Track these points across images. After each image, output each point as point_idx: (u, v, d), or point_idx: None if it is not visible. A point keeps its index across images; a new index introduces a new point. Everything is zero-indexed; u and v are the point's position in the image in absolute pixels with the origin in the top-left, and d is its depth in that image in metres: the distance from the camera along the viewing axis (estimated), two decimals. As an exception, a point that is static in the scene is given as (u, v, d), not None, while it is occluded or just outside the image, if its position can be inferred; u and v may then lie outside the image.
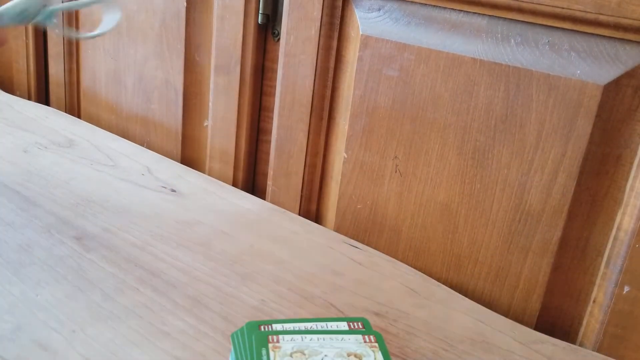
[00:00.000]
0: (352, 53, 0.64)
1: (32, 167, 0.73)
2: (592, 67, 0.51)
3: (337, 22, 0.64)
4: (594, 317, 0.56)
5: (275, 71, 0.72)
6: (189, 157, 0.83)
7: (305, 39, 0.66)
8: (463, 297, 0.59)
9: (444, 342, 0.51)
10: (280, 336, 0.43)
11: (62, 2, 0.45)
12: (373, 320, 0.52)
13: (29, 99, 0.98)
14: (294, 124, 0.69)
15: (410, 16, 0.60)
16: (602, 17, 0.50)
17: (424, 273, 0.62)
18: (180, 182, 0.75)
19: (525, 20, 0.54)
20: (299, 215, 0.72)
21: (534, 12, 0.53)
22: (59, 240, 0.59)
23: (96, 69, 0.89)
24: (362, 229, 0.67)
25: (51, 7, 0.46)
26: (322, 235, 0.66)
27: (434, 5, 0.58)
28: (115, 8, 0.48)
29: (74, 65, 0.92)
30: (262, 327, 0.44)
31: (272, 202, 0.74)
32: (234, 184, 0.78)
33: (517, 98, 0.55)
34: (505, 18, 0.55)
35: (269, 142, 0.75)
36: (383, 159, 0.64)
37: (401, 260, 0.64)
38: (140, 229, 0.62)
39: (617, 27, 0.50)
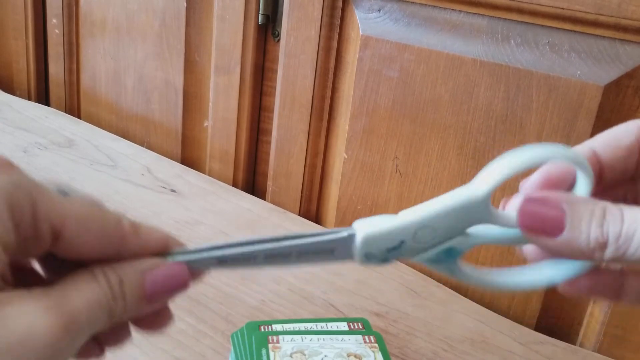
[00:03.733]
0: (352, 53, 0.64)
1: (32, 167, 0.73)
2: (592, 67, 0.51)
3: (337, 22, 0.64)
4: (594, 317, 0.56)
5: (275, 71, 0.72)
6: (189, 157, 0.83)
7: (305, 39, 0.66)
8: (463, 297, 0.59)
9: (444, 342, 0.51)
10: (280, 336, 0.43)
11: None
12: (373, 321, 0.52)
13: (29, 99, 0.98)
14: (294, 124, 0.69)
15: (410, 17, 0.59)
16: (602, 18, 0.50)
17: (424, 273, 0.62)
18: (180, 182, 0.75)
19: (525, 20, 0.54)
20: (299, 215, 0.72)
21: (534, 13, 0.53)
22: (58, 240, 0.58)
23: (96, 69, 0.89)
24: (362, 230, 0.67)
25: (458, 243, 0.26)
26: (322, 236, 0.66)
27: (434, 6, 0.58)
28: None
29: (74, 65, 0.92)
30: (262, 327, 0.44)
31: (272, 202, 0.74)
32: (234, 184, 0.78)
33: (517, 98, 0.55)
34: (505, 19, 0.55)
35: (269, 142, 0.75)
36: (383, 159, 0.64)
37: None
38: (140, 229, 0.62)
39: (617, 27, 0.50)
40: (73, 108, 0.95)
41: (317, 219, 0.73)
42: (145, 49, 0.82)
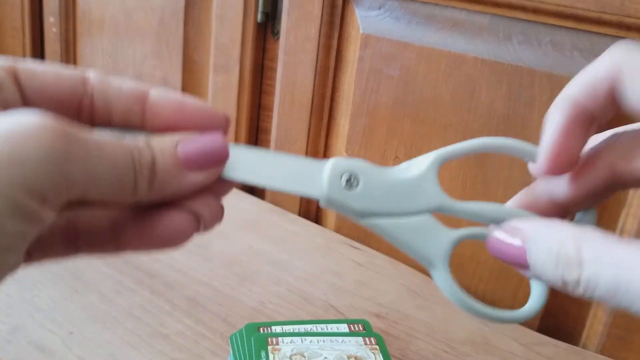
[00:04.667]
0: (353, 52, 0.64)
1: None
2: (595, 66, 0.51)
3: (338, 20, 0.64)
4: (598, 319, 0.56)
5: (274, 70, 0.71)
6: (188, 156, 0.83)
7: (305, 37, 0.65)
8: (464, 298, 0.58)
9: (445, 343, 0.51)
10: (280, 338, 0.43)
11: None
12: (373, 322, 0.51)
13: (27, 98, 0.97)
14: (294, 123, 0.69)
15: (411, 15, 0.59)
16: (605, 16, 0.49)
17: (425, 274, 0.61)
18: (179, 182, 0.74)
19: (528, 18, 0.53)
20: (299, 215, 0.71)
21: (536, 11, 0.52)
22: (56, 240, 0.58)
23: (94, 67, 0.89)
24: (363, 230, 0.67)
25: None
26: (322, 236, 0.66)
27: (435, 4, 0.57)
28: None
29: (72, 64, 0.92)
30: (261, 329, 0.44)
31: (272, 202, 0.73)
32: (233, 184, 0.78)
33: (519, 97, 0.54)
34: (507, 17, 0.54)
35: (268, 141, 0.74)
36: (384, 159, 0.63)
37: (402, 261, 0.63)
38: (138, 230, 0.62)
39: (620, 25, 0.49)
40: (71, 107, 0.94)
41: (317, 219, 0.73)
42: (144, 48, 0.82)
